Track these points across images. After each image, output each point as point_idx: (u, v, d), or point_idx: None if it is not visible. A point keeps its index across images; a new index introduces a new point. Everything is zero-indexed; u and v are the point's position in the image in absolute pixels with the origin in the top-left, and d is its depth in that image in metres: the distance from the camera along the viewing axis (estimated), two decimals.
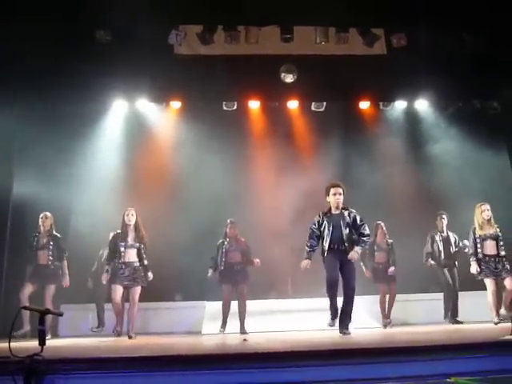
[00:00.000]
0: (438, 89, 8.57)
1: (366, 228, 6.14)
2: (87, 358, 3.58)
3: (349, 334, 5.85)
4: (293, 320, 8.01)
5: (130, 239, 6.92)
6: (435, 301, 8.33)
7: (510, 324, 4.09)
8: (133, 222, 6.96)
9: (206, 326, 8.06)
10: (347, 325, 5.94)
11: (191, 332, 7.94)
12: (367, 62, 8.24)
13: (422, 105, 9.23)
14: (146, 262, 6.97)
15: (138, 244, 6.92)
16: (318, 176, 8.35)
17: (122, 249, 6.86)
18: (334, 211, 6.13)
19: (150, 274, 7.01)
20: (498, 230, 7.31)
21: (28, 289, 7.13)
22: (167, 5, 7.47)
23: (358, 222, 6.09)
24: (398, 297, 8.18)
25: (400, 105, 9.28)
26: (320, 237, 6.12)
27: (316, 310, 8.04)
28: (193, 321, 8.31)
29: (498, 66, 8.12)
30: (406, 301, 8.39)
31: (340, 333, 5.89)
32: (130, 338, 6.70)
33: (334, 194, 6.08)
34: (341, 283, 6.00)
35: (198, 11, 7.70)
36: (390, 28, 8.24)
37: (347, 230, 6.03)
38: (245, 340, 5.58)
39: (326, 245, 6.05)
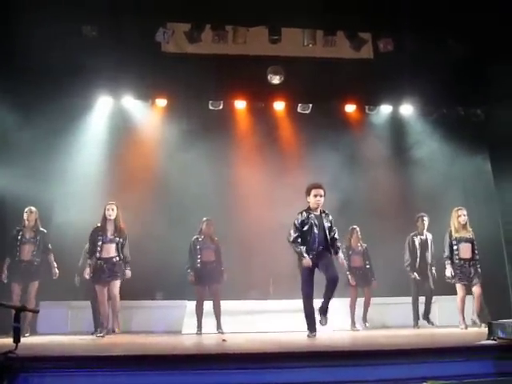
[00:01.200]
0: (423, 94, 8.65)
1: (337, 233, 6.17)
2: (62, 356, 3.54)
3: (325, 322, 5.87)
4: (273, 321, 7.97)
5: (110, 234, 6.86)
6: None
7: (485, 329, 4.13)
8: (113, 217, 6.90)
9: (186, 325, 8.01)
10: (325, 313, 5.90)
11: (171, 331, 7.89)
12: (354, 65, 8.29)
13: (407, 110, 9.26)
14: (127, 257, 6.92)
15: (117, 239, 6.86)
16: (303, 177, 8.31)
17: (101, 243, 6.81)
18: (314, 212, 6.05)
19: (128, 272, 6.93)
20: (473, 234, 7.39)
21: (16, 290, 7.09)
22: (155, 2, 7.45)
23: (333, 225, 6.09)
24: (377, 300, 8.22)
25: (385, 109, 9.30)
26: (300, 237, 5.97)
27: (297, 312, 8.04)
28: (173, 320, 8.25)
29: (482, 74, 8.22)
30: (384, 304, 8.43)
31: (320, 322, 5.90)
32: (113, 332, 6.69)
33: (315, 196, 5.99)
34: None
35: (186, 9, 7.69)
36: (377, 33, 8.31)
37: (327, 232, 6.00)
38: (224, 340, 5.56)
39: (308, 246, 5.91)
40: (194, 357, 3.62)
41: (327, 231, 6.00)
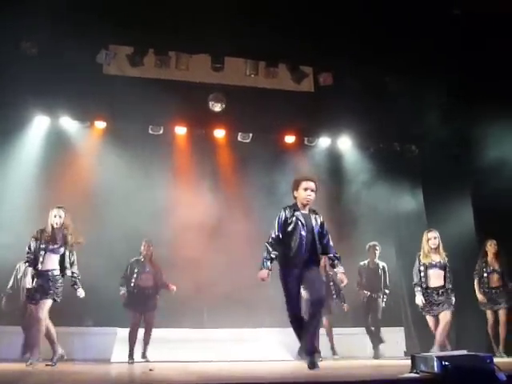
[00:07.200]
0: (361, 129, 8.90)
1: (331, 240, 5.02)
2: None
3: (316, 365, 4.62)
4: (205, 350, 7.86)
5: (53, 243, 5.98)
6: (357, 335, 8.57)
7: (409, 361, 4.18)
8: (59, 225, 6.03)
9: (116, 353, 7.77)
10: (312, 353, 4.67)
11: (101, 359, 7.62)
12: (295, 97, 8.46)
13: (345, 143, 9.47)
14: (74, 274, 6.07)
15: (62, 249, 6.00)
16: (239, 205, 8.37)
17: (42, 252, 5.92)
18: (301, 210, 4.93)
19: (81, 291, 6.14)
20: (447, 258, 6.66)
21: None
22: (99, 23, 7.38)
23: (325, 230, 4.95)
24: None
25: (324, 142, 9.48)
26: (281, 241, 4.83)
27: (231, 341, 7.99)
28: (103, 348, 8.00)
29: (416, 111, 8.52)
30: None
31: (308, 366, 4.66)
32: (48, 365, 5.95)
33: (306, 189, 4.88)
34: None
35: (129, 33, 7.65)
36: (318, 67, 8.52)
37: (317, 237, 4.86)
38: (151, 370, 5.41)
39: (292, 253, 4.76)
40: None
41: (317, 236, 4.85)
